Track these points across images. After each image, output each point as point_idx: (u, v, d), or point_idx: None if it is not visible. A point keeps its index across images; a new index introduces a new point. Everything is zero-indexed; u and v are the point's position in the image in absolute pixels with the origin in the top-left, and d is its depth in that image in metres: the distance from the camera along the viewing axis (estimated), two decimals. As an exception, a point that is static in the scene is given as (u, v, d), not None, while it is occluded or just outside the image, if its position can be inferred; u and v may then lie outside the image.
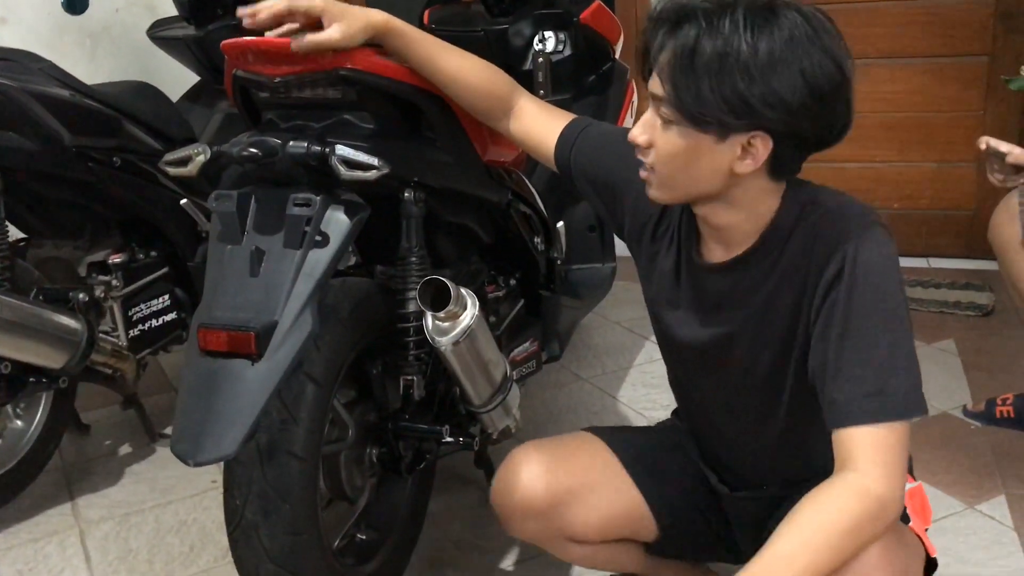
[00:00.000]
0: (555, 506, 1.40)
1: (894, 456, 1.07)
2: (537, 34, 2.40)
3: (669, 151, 1.12)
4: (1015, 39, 3.21)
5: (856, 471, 1.05)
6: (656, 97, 1.10)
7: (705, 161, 1.10)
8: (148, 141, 2.19)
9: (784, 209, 1.17)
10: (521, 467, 1.41)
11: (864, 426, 1.07)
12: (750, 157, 1.09)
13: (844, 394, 1.09)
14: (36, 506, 2.13)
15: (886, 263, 1.10)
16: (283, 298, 1.31)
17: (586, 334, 2.96)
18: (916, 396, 1.08)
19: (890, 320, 1.09)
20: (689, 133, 1.09)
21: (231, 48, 1.41)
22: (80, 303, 2.03)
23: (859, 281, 1.09)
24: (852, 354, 1.09)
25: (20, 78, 1.94)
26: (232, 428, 1.26)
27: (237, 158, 1.35)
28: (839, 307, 1.10)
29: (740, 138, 1.08)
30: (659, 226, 1.33)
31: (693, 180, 1.13)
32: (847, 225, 1.12)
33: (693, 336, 1.30)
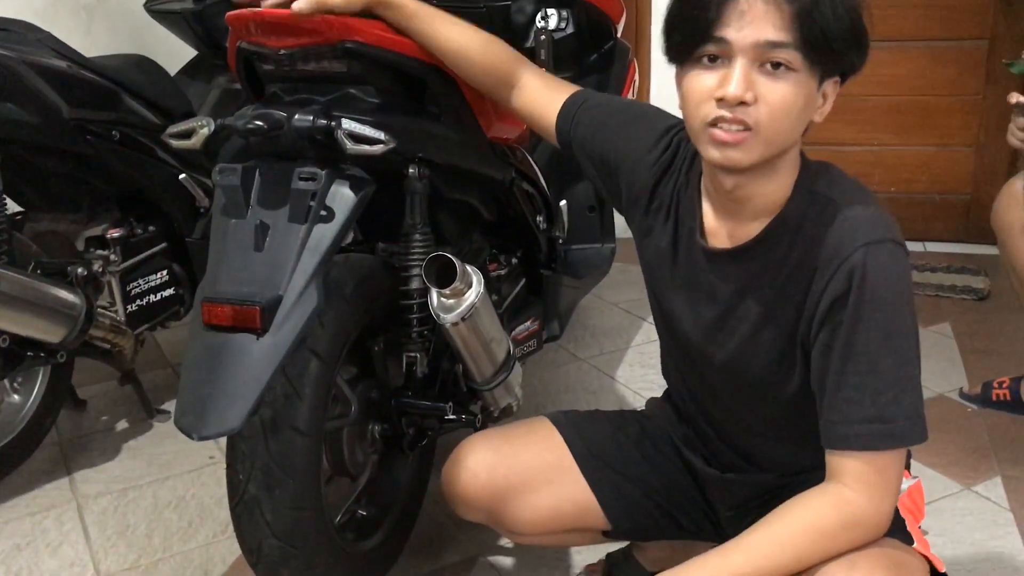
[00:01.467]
0: (495, 501, 1.40)
1: (885, 479, 1.07)
2: (539, 11, 2.38)
3: (782, 102, 1.03)
4: (1015, 23, 3.21)
5: (848, 488, 1.07)
6: (771, 44, 1.00)
7: (806, 110, 1.06)
8: (147, 115, 2.18)
9: (794, 199, 1.13)
10: (464, 460, 1.42)
11: (858, 452, 1.07)
12: (827, 104, 1.08)
13: (841, 415, 1.07)
14: (33, 481, 2.12)
15: (896, 284, 1.06)
16: (288, 273, 1.30)
17: (584, 315, 2.96)
18: (915, 424, 1.07)
19: (895, 344, 1.06)
20: (806, 80, 1.03)
21: (235, 19, 1.40)
22: (78, 277, 2.02)
23: (866, 302, 1.05)
24: (853, 377, 1.06)
25: (18, 48, 1.92)
26: (236, 402, 1.25)
27: (242, 131, 1.34)
28: (843, 326, 1.06)
29: (827, 82, 1.07)
30: (652, 201, 1.29)
31: (792, 133, 1.07)
32: (859, 237, 1.06)
33: (689, 321, 1.27)
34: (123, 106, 2.12)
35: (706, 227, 1.21)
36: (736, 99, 1.02)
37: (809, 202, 1.12)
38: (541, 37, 2.33)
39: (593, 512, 1.42)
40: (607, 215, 2.49)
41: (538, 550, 1.82)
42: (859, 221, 1.08)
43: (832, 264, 1.07)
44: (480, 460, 1.41)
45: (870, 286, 1.05)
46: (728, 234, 1.18)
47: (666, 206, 1.27)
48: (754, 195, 1.14)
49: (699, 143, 1.10)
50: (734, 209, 1.17)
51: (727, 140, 1.05)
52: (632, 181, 1.31)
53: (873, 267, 1.05)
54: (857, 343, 1.06)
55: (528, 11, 2.38)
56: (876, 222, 1.08)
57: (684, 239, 1.24)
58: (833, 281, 1.07)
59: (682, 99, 1.11)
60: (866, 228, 1.07)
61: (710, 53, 1.04)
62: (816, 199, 1.12)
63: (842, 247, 1.07)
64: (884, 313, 1.05)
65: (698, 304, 1.24)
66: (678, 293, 1.27)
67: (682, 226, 1.24)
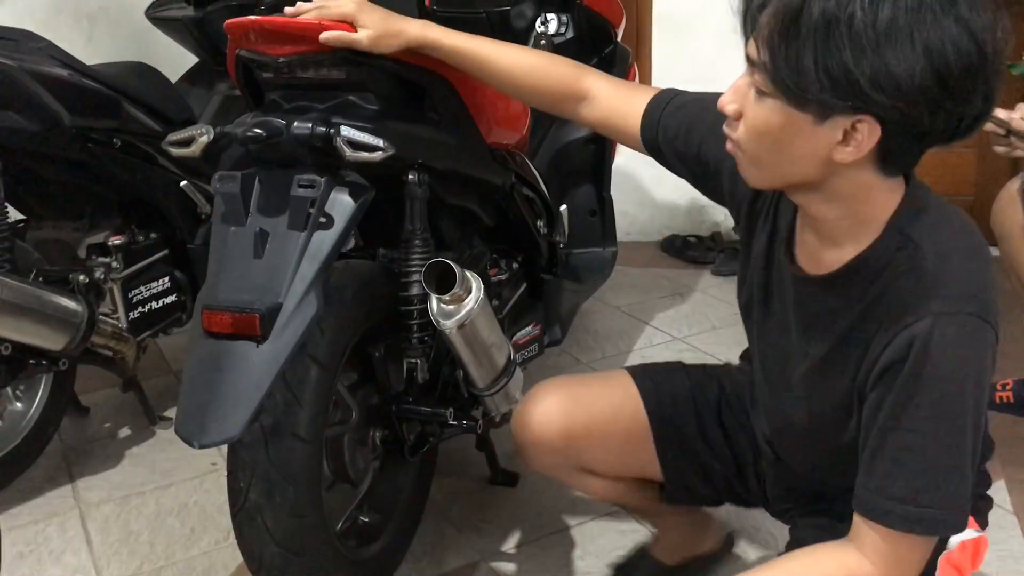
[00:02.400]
0: (568, 444, 1.40)
1: (905, 561, 1.03)
2: (539, 16, 2.39)
3: (759, 126, 0.96)
4: (1018, 24, 3.19)
5: (863, 553, 1.03)
6: (751, 61, 0.94)
7: (799, 143, 0.95)
8: (148, 122, 2.18)
9: (884, 238, 1.02)
10: (537, 403, 1.42)
11: (883, 526, 1.01)
12: (852, 144, 0.93)
13: (875, 484, 1.02)
14: (36, 488, 2.12)
15: (961, 364, 0.96)
16: (287, 280, 1.30)
17: (586, 319, 2.96)
18: (949, 515, 1.00)
19: (945, 428, 0.97)
20: (784, 109, 0.93)
21: (235, 27, 1.40)
22: (80, 285, 2.03)
23: (923, 377, 0.96)
24: (892, 451, 1.00)
25: (20, 57, 1.92)
26: (237, 410, 1.26)
27: (241, 139, 1.34)
28: (892, 395, 0.99)
29: (843, 121, 0.91)
30: (756, 200, 1.20)
31: (784, 163, 0.98)
32: (933, 304, 0.96)
33: (767, 332, 1.23)
34: (124, 114, 2.12)
35: (796, 241, 1.14)
36: (721, 107, 1.01)
37: (898, 245, 1.01)
38: (541, 42, 2.33)
39: (652, 466, 1.43)
40: (608, 218, 2.50)
41: (540, 555, 1.82)
42: (940, 283, 0.97)
43: (896, 326, 0.98)
44: (551, 406, 1.40)
45: (931, 361, 0.95)
46: (814, 255, 1.10)
47: (767, 208, 1.19)
48: (823, 218, 1.04)
49: None
50: (817, 228, 1.07)
51: (727, 150, 1.05)
52: (735, 185, 1.19)
53: (938, 341, 0.95)
54: (904, 417, 0.98)
55: (528, 16, 2.39)
56: (959, 289, 0.97)
57: (776, 250, 1.17)
58: (892, 345, 0.98)
59: None
60: (943, 294, 0.96)
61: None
62: (906, 243, 1.00)
63: (912, 308, 0.97)
64: (939, 392, 0.96)
65: (784, 321, 1.19)
66: (769, 305, 1.22)
67: (777, 235, 1.17)
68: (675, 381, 1.44)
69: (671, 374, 1.45)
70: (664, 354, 2.71)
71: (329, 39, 1.33)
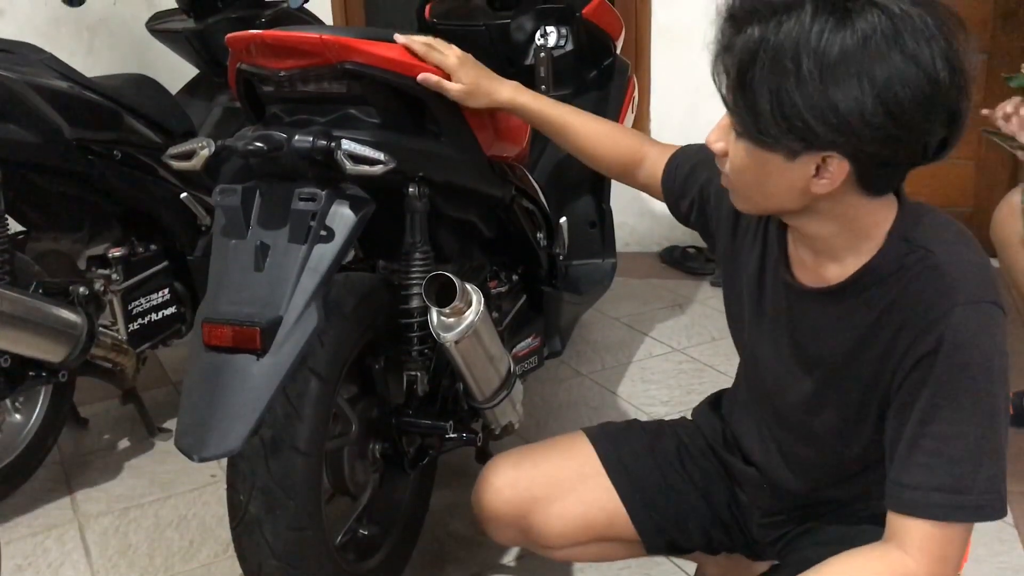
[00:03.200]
0: (521, 514, 1.39)
1: (949, 552, 1.02)
2: (539, 29, 2.40)
3: (739, 165, 1.02)
4: (1015, 37, 3.21)
5: (905, 553, 1.02)
6: (725, 104, 0.99)
7: (776, 179, 0.99)
8: (148, 134, 2.18)
9: (888, 246, 1.04)
10: (487, 479, 1.42)
11: (926, 520, 1.01)
12: (826, 177, 0.97)
13: (913, 480, 1.02)
14: (35, 500, 2.12)
15: (990, 348, 0.99)
16: (288, 293, 1.30)
17: (586, 330, 2.96)
18: (993, 499, 1.00)
19: (981, 413, 0.99)
20: (755, 150, 0.98)
21: (236, 41, 1.41)
22: (80, 297, 2.03)
23: (955, 366, 0.98)
24: (931, 442, 1.01)
25: (20, 70, 1.93)
26: (237, 423, 1.25)
27: (242, 152, 1.34)
28: (927, 388, 1.00)
29: (812, 158, 0.95)
30: (738, 223, 1.25)
31: (768, 196, 1.03)
32: (957, 296, 0.99)
33: (770, 354, 1.23)
34: (124, 126, 2.13)
35: (791, 259, 1.16)
36: (709, 147, 1.07)
37: (905, 251, 1.04)
38: (541, 54, 2.34)
39: (622, 520, 1.40)
40: (608, 230, 2.50)
41: (540, 569, 1.82)
42: (957, 277, 1.00)
43: (924, 320, 1.00)
44: (502, 476, 1.40)
45: (963, 349, 0.98)
46: (813, 270, 1.12)
47: (754, 229, 1.22)
48: (816, 236, 1.07)
49: None
50: (812, 246, 1.10)
51: (723, 185, 1.11)
52: (720, 202, 1.26)
53: (967, 329, 0.98)
54: (940, 407, 1.00)
55: (527, 29, 2.40)
56: (976, 279, 1.00)
57: (770, 269, 1.19)
58: (922, 338, 1.00)
59: None
60: (964, 286, 1.00)
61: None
62: (913, 249, 1.03)
63: (936, 304, 1.00)
64: (973, 379, 0.99)
65: (779, 338, 1.19)
66: (760, 324, 1.23)
67: (769, 255, 1.19)
68: (632, 439, 1.44)
69: (628, 432, 1.46)
70: (663, 365, 2.71)
71: (424, 80, 1.42)
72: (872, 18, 0.89)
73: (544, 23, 2.40)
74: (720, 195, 1.25)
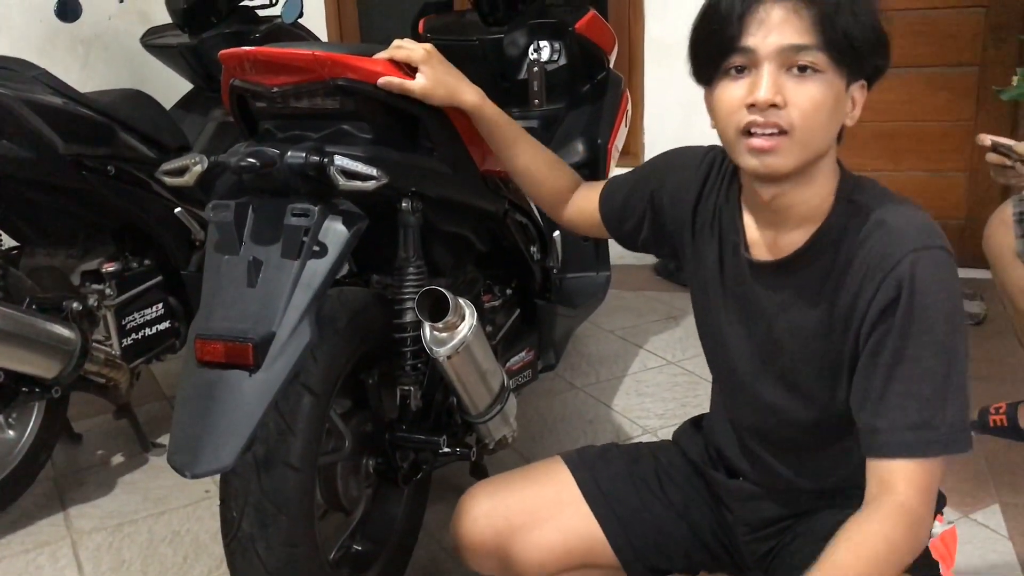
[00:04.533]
0: (499, 544, 1.37)
1: (930, 485, 1.07)
2: (532, 43, 2.41)
3: (814, 103, 1.06)
4: (1006, 50, 3.23)
5: (895, 494, 1.06)
6: (795, 48, 1.05)
7: (839, 109, 1.09)
8: (142, 149, 2.19)
9: (836, 209, 1.14)
10: (464, 509, 1.40)
11: (906, 459, 1.06)
12: (857, 108, 1.11)
13: (887, 423, 1.07)
14: (28, 516, 2.11)
15: (945, 289, 1.06)
16: (281, 308, 1.30)
17: (580, 343, 2.96)
18: (961, 432, 1.06)
19: (944, 351, 1.06)
20: (833, 81, 1.06)
21: (229, 58, 1.41)
22: (73, 312, 2.03)
23: (915, 309, 1.05)
24: (900, 384, 1.07)
25: (14, 86, 1.93)
26: (229, 440, 1.25)
27: (235, 168, 1.35)
28: (892, 334, 1.07)
29: (855, 86, 1.10)
30: (695, 221, 1.30)
31: (828, 133, 1.10)
32: (908, 243, 1.07)
33: (740, 338, 1.26)
34: (118, 141, 2.13)
35: (749, 240, 1.22)
36: (767, 102, 1.06)
37: (852, 212, 1.13)
38: (534, 69, 2.36)
39: (601, 547, 1.39)
40: (602, 243, 2.51)
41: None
42: (906, 228, 1.08)
43: (880, 271, 1.08)
44: (479, 506, 1.39)
45: (920, 292, 1.05)
46: (772, 246, 1.19)
47: (709, 222, 1.28)
48: (793, 204, 1.15)
49: (736, 155, 1.12)
50: (775, 220, 1.18)
51: (764, 147, 1.08)
52: (675, 205, 1.32)
53: (923, 274, 1.05)
54: (907, 349, 1.06)
55: (521, 44, 2.41)
56: (923, 228, 1.08)
57: (729, 254, 1.25)
58: (882, 288, 1.07)
59: (714, 114, 1.13)
60: (913, 234, 1.07)
61: (737, 64, 1.08)
62: (859, 208, 1.12)
63: (890, 254, 1.07)
64: (934, 320, 1.05)
65: (747, 319, 1.25)
66: (728, 310, 1.27)
67: (726, 241, 1.25)
68: (610, 464, 1.44)
69: (606, 457, 1.45)
70: (658, 378, 2.71)
71: (386, 84, 1.40)
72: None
73: (537, 38, 2.41)
74: (676, 197, 1.31)
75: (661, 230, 1.37)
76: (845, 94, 1.09)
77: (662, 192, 1.35)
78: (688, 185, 1.31)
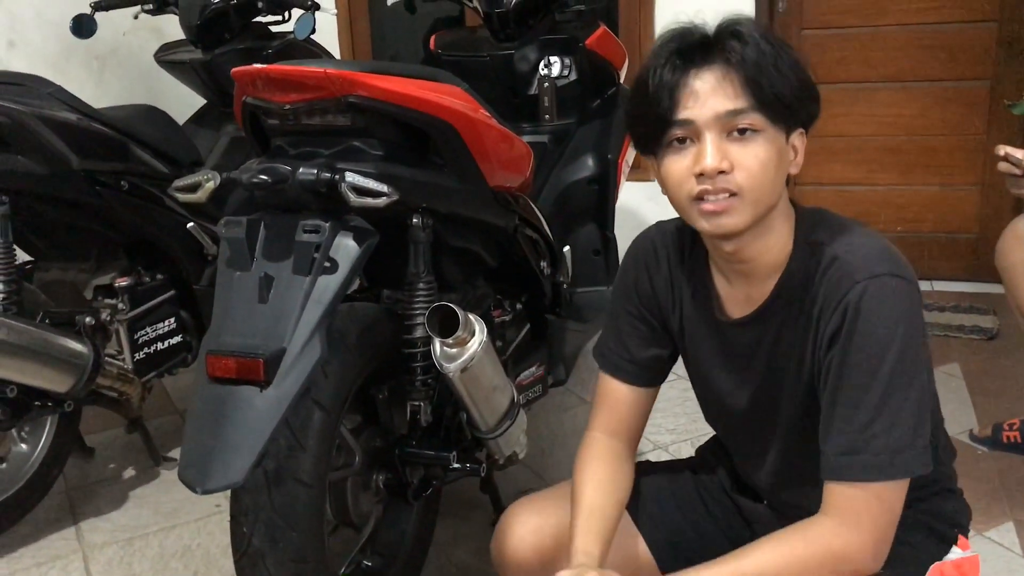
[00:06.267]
0: (548, 563, 1.35)
1: (869, 514, 1.07)
2: (543, 59, 2.42)
3: (760, 163, 1.08)
4: (1017, 64, 3.23)
5: (827, 517, 1.09)
6: (730, 113, 1.07)
7: (782, 164, 1.11)
8: (155, 165, 2.20)
9: (795, 253, 1.15)
10: (509, 526, 1.38)
11: (839, 483, 1.08)
12: (799, 156, 1.13)
13: (831, 447, 1.09)
14: (40, 530, 2.12)
15: (890, 315, 1.07)
16: (292, 325, 1.31)
17: (590, 358, 2.94)
18: (902, 457, 1.06)
19: (885, 375, 1.06)
20: (774, 137, 1.09)
21: (241, 75, 1.42)
22: (86, 327, 2.04)
23: (856, 334, 1.07)
24: (842, 409, 1.09)
25: (29, 102, 1.95)
26: (240, 455, 1.26)
27: (247, 185, 1.36)
28: (835, 361, 1.09)
29: (794, 136, 1.11)
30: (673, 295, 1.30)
31: (776, 187, 1.12)
32: (856, 274, 1.09)
33: (729, 390, 1.27)
34: (131, 156, 2.15)
35: (724, 297, 1.23)
36: (714, 170, 1.07)
37: (810, 252, 1.14)
38: (544, 84, 2.36)
39: (648, 564, 1.38)
40: (612, 257, 2.50)
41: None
42: (854, 260, 1.10)
43: (831, 303, 1.10)
44: (526, 523, 1.37)
45: (862, 319, 1.06)
46: (746, 299, 1.20)
47: (688, 292, 1.28)
48: (755, 254, 1.16)
49: (690, 220, 1.14)
50: (744, 271, 1.19)
51: (716, 210, 1.10)
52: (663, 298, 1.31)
53: (867, 301, 1.07)
54: (845, 376, 1.08)
55: (531, 59, 2.42)
56: (873, 258, 1.10)
57: (706, 315, 1.26)
58: (833, 319, 1.09)
59: (664, 184, 1.15)
60: (861, 265, 1.09)
61: (678, 136, 1.09)
62: (815, 249, 1.14)
63: (839, 287, 1.09)
64: (873, 345, 1.06)
65: (734, 372, 1.25)
66: (714, 366, 1.28)
67: (703, 303, 1.26)
68: (651, 480, 1.42)
69: (645, 474, 1.43)
70: (669, 393, 2.69)
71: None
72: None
73: (548, 53, 2.42)
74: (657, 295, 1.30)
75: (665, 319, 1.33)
76: (786, 146, 1.11)
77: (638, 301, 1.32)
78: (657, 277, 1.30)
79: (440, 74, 1.61)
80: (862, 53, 3.34)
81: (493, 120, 1.65)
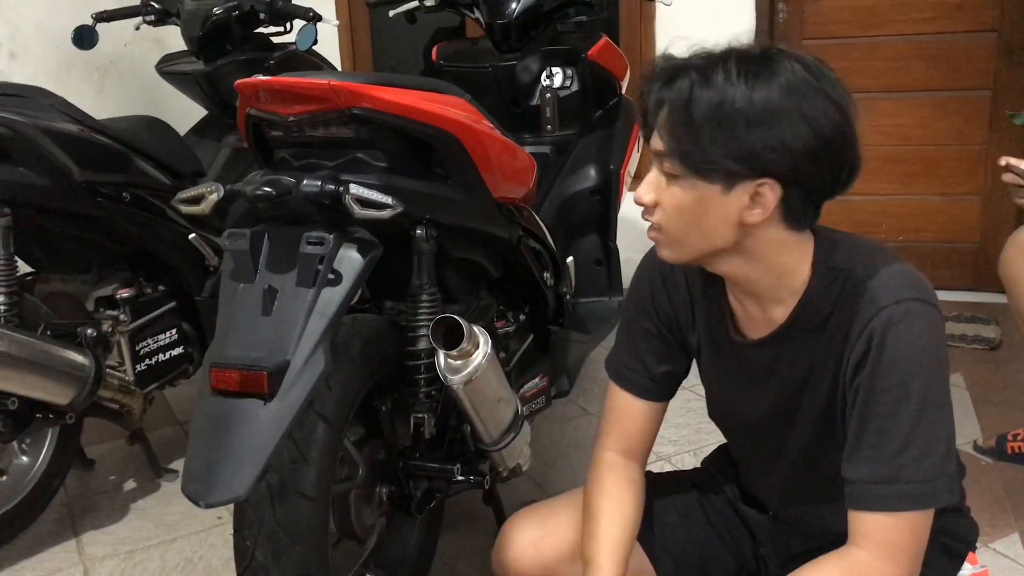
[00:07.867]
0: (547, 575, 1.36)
1: (904, 541, 1.07)
2: (544, 70, 2.42)
3: (676, 206, 1.08)
4: (1018, 74, 3.23)
5: (862, 550, 1.08)
6: (659, 153, 1.09)
7: (713, 213, 1.07)
8: (157, 176, 2.20)
9: (815, 278, 1.13)
10: (510, 538, 1.38)
11: (875, 512, 1.07)
12: (759, 206, 1.06)
13: (859, 476, 1.09)
14: (40, 543, 2.11)
15: (917, 342, 1.06)
16: (296, 337, 1.30)
17: (594, 368, 2.94)
18: (935, 486, 1.06)
19: (914, 403, 1.05)
20: (694, 185, 1.06)
21: (245, 87, 1.42)
22: (88, 338, 2.03)
23: (884, 362, 1.06)
24: (871, 437, 1.08)
25: (31, 114, 1.94)
26: (243, 468, 1.25)
27: (251, 197, 1.35)
28: (862, 389, 1.08)
29: (748, 186, 1.04)
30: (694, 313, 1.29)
31: (703, 234, 1.10)
32: (881, 300, 1.07)
33: (744, 409, 1.27)
34: (133, 168, 2.14)
35: (738, 318, 1.23)
36: (638, 201, 1.11)
37: (831, 278, 1.13)
38: (546, 95, 2.36)
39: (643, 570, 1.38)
40: (614, 268, 2.50)
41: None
42: (880, 286, 1.08)
43: (856, 330, 1.09)
44: (526, 535, 1.37)
45: (889, 346, 1.05)
46: (761, 320, 1.19)
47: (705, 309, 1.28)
48: (755, 278, 1.14)
49: None
50: (752, 292, 1.17)
51: (652, 238, 1.14)
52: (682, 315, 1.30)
53: (893, 328, 1.05)
54: (874, 404, 1.07)
55: (533, 70, 2.42)
56: (898, 283, 1.08)
57: (722, 334, 1.25)
58: (857, 345, 1.08)
59: None
60: (886, 291, 1.08)
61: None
62: (837, 274, 1.12)
63: (864, 313, 1.08)
64: (901, 373, 1.05)
65: (748, 391, 1.25)
66: (729, 385, 1.28)
67: (717, 322, 1.26)
68: (654, 492, 1.42)
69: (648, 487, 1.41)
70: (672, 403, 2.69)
71: None
72: (789, 65, 1.03)
73: (550, 64, 2.42)
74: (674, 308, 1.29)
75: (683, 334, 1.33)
76: (723, 196, 1.05)
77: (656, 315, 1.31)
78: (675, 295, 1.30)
79: (444, 86, 1.60)
80: (863, 63, 3.34)
81: (497, 132, 1.65)
